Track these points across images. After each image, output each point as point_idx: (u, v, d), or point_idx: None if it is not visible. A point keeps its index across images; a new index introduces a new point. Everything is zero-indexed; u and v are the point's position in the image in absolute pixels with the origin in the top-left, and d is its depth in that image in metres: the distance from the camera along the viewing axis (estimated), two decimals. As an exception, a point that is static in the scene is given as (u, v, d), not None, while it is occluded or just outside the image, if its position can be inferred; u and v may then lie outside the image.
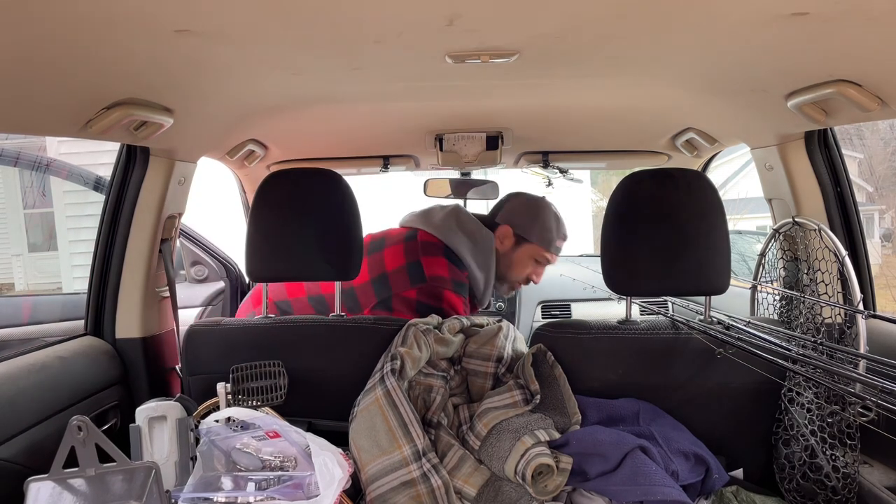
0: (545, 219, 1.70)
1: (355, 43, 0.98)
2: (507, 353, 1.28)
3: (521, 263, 1.72)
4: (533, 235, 1.69)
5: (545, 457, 1.06)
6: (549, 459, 1.06)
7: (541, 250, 1.70)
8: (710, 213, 1.19)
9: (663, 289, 1.24)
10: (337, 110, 1.56)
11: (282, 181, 1.34)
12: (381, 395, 1.11)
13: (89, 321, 1.53)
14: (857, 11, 0.81)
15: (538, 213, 1.70)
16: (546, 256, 1.72)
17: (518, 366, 1.26)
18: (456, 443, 1.15)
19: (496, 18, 0.88)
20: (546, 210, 1.72)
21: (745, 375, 1.14)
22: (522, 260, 1.71)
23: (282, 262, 1.29)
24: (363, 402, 1.12)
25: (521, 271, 1.73)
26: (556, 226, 1.72)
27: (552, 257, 1.73)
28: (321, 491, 0.93)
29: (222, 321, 1.34)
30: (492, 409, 1.19)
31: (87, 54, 0.92)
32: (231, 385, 1.15)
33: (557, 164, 2.07)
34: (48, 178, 7.18)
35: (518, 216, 1.71)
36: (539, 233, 1.69)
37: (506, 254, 1.71)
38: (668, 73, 1.20)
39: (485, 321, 1.37)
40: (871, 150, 9.66)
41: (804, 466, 1.16)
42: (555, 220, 1.72)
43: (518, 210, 1.72)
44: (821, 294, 1.27)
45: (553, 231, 1.70)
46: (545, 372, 1.24)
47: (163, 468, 0.99)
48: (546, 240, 1.69)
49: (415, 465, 1.06)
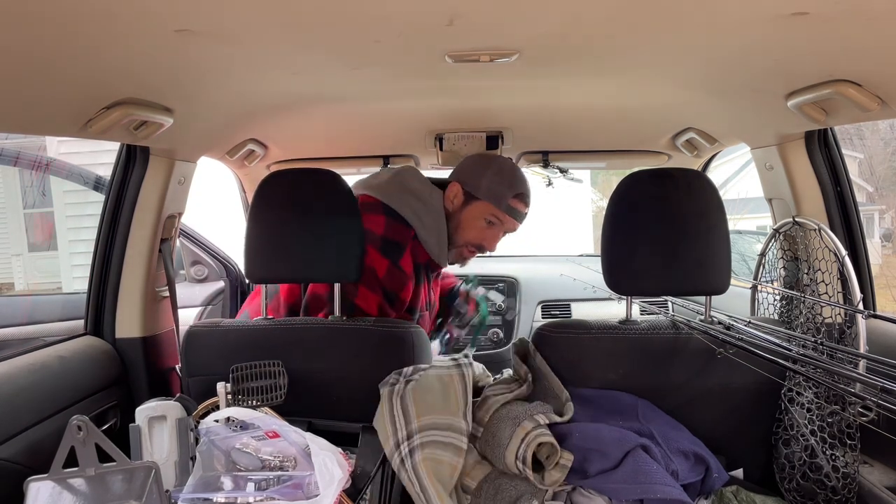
0: (494, 172, 1.51)
1: (355, 43, 0.98)
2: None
3: (470, 224, 1.53)
4: (481, 191, 1.50)
5: (546, 436, 1.07)
6: (550, 439, 1.07)
7: (490, 207, 1.50)
8: (710, 212, 1.19)
9: (663, 289, 1.24)
10: (337, 110, 1.56)
11: (282, 181, 1.34)
12: (455, 374, 1.19)
13: (89, 321, 1.54)
14: (857, 11, 0.81)
15: (488, 167, 1.52)
16: (497, 215, 1.51)
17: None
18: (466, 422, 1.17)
19: (496, 18, 0.88)
20: (497, 163, 1.53)
21: (745, 375, 1.14)
22: (471, 220, 1.52)
23: (281, 263, 1.29)
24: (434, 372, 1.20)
25: (471, 233, 1.53)
26: (510, 181, 1.51)
27: (505, 218, 1.52)
28: (321, 491, 0.93)
29: (222, 322, 1.34)
30: (491, 395, 1.21)
31: (87, 54, 0.92)
32: (231, 385, 1.15)
33: (557, 164, 2.07)
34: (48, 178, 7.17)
35: (467, 172, 1.54)
36: (487, 187, 1.49)
37: (455, 213, 1.53)
38: (668, 73, 1.20)
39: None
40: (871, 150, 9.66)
41: (804, 466, 1.16)
42: (507, 175, 1.51)
43: (468, 165, 1.56)
44: (821, 294, 1.27)
45: (504, 186, 1.50)
46: (531, 364, 1.26)
47: (163, 468, 0.99)
48: (495, 196, 1.49)
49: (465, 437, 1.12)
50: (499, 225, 1.54)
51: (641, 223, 1.20)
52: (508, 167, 1.54)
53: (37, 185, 7.86)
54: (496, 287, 2.53)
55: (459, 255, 1.58)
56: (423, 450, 1.07)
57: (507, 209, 1.51)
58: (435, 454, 1.07)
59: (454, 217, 1.54)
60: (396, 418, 1.13)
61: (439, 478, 1.04)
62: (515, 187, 1.51)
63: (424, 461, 1.06)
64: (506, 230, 1.57)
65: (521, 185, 1.53)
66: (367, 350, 1.27)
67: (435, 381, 1.18)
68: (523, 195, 1.53)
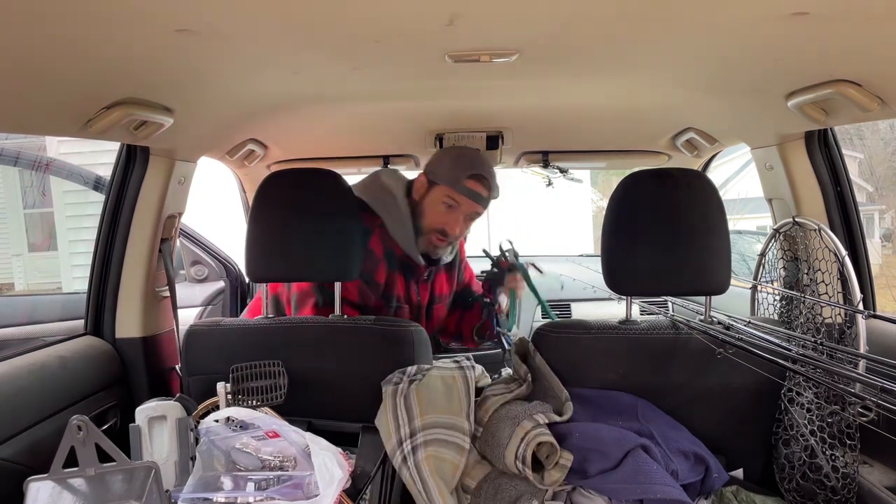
0: (453, 157, 1.55)
1: (355, 43, 0.98)
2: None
3: (431, 209, 1.55)
4: (439, 176, 1.54)
5: (545, 436, 1.07)
6: (549, 438, 1.07)
7: (447, 190, 1.52)
8: (710, 213, 1.19)
9: (663, 289, 1.24)
10: (337, 110, 1.56)
11: (282, 181, 1.34)
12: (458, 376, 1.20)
13: (89, 321, 1.54)
14: (857, 11, 0.81)
15: (449, 154, 1.58)
16: (454, 197, 1.52)
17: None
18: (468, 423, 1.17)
19: (496, 18, 0.88)
20: (458, 150, 1.59)
21: (745, 375, 1.14)
22: (431, 204, 1.55)
23: (282, 262, 1.29)
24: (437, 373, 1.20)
25: (432, 217, 1.55)
26: (467, 163, 1.52)
27: (463, 199, 1.52)
28: (321, 491, 0.93)
29: (222, 321, 1.34)
30: (491, 395, 1.21)
31: (87, 54, 0.92)
32: (231, 385, 1.15)
33: (557, 164, 2.07)
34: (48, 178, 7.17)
35: (432, 161, 1.60)
36: (444, 171, 1.53)
37: (420, 201, 1.57)
38: (668, 73, 1.20)
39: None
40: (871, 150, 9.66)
41: (804, 466, 1.16)
42: (466, 159, 1.54)
43: (434, 156, 1.63)
44: (821, 294, 1.27)
45: (460, 168, 1.52)
46: (531, 364, 1.26)
47: (163, 468, 0.99)
48: (451, 178, 1.51)
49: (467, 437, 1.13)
50: (457, 207, 1.54)
51: (641, 223, 1.20)
52: (469, 153, 1.56)
53: (37, 185, 7.86)
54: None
55: (429, 243, 1.58)
56: (426, 448, 1.07)
57: (464, 190, 1.51)
58: (438, 452, 1.07)
59: (419, 205, 1.57)
60: (399, 416, 1.13)
61: (441, 475, 1.05)
62: (471, 168, 1.52)
63: (427, 458, 1.06)
64: (466, 213, 1.57)
65: (479, 167, 1.53)
66: (367, 349, 1.27)
67: (438, 381, 1.19)
68: (480, 176, 1.53)
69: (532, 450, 1.06)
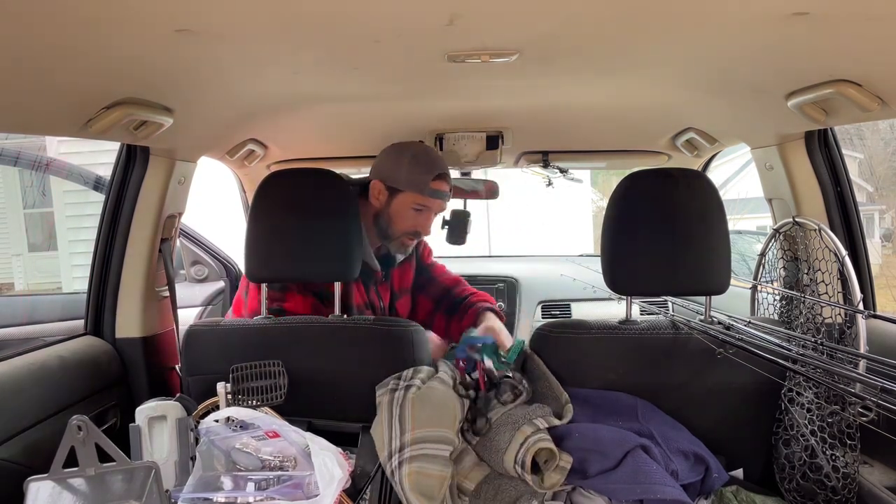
0: (410, 160, 1.52)
1: (355, 43, 0.98)
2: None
3: (400, 215, 1.54)
4: (401, 182, 1.51)
5: (545, 442, 1.07)
6: (549, 444, 1.07)
7: (415, 196, 1.51)
8: (710, 213, 1.19)
9: (663, 289, 1.24)
10: (337, 110, 1.56)
11: (282, 181, 1.34)
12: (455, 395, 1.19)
13: (89, 321, 1.53)
14: (857, 11, 0.81)
15: (402, 157, 1.53)
16: (423, 202, 1.53)
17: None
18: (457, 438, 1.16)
19: (496, 18, 0.88)
20: (410, 151, 1.54)
21: (745, 375, 1.14)
22: (400, 211, 1.54)
23: (281, 262, 1.29)
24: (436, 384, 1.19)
25: (404, 223, 1.55)
26: (427, 165, 1.51)
27: (432, 202, 1.54)
28: (321, 491, 0.93)
29: (222, 321, 1.34)
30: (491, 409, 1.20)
31: (87, 54, 0.92)
32: (231, 385, 1.15)
33: (557, 164, 2.07)
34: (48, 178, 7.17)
35: (384, 166, 1.55)
36: (407, 178, 1.51)
37: (383, 209, 1.55)
38: (668, 73, 1.20)
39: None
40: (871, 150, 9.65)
41: (804, 466, 1.16)
42: (423, 160, 1.52)
43: (383, 160, 1.56)
44: (821, 294, 1.27)
45: (423, 172, 1.50)
46: (530, 367, 1.26)
47: (163, 468, 0.99)
48: (417, 184, 1.50)
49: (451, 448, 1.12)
50: (427, 210, 1.56)
51: (641, 223, 1.20)
52: (422, 152, 1.55)
53: (37, 185, 7.86)
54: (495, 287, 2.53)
55: (401, 245, 1.61)
56: (410, 463, 1.07)
57: (431, 193, 1.52)
58: (422, 468, 1.07)
59: (384, 213, 1.56)
60: (393, 428, 1.13)
61: (422, 491, 1.05)
62: (434, 170, 1.52)
63: (410, 475, 1.06)
64: (435, 212, 1.60)
65: (439, 166, 1.54)
66: (367, 349, 1.27)
67: (436, 394, 1.18)
68: (443, 175, 1.54)
69: (532, 455, 1.06)
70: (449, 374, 1.23)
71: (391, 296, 1.70)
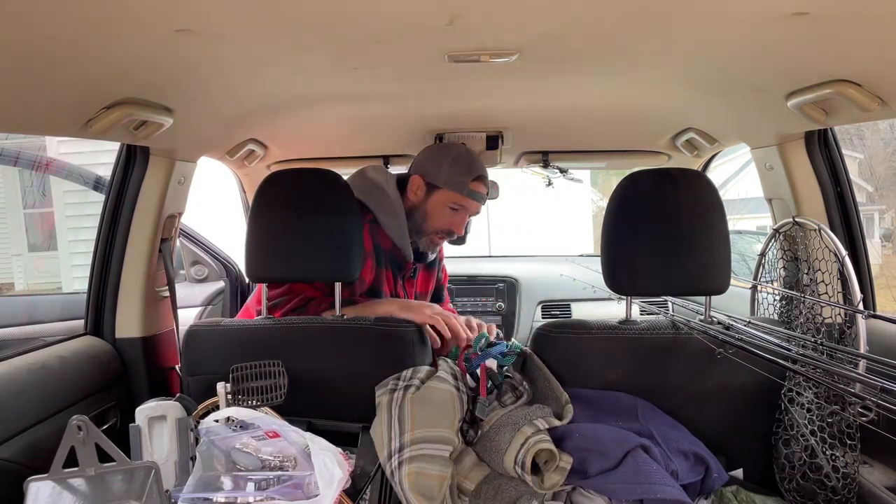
0: (451, 161, 1.56)
1: (355, 43, 0.98)
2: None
3: (437, 213, 1.58)
4: (441, 180, 1.55)
5: (545, 443, 1.07)
6: (549, 445, 1.07)
7: (454, 195, 1.56)
8: (710, 212, 1.19)
9: (663, 289, 1.24)
10: (337, 110, 1.56)
11: (282, 181, 1.34)
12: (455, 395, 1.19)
13: (89, 321, 1.53)
14: (857, 11, 0.81)
15: (445, 157, 1.57)
16: (461, 202, 1.57)
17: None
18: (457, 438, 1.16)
19: (496, 18, 0.88)
20: (453, 152, 1.58)
21: (745, 375, 1.14)
22: (436, 209, 1.57)
23: (282, 263, 1.29)
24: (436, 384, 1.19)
25: (439, 221, 1.59)
26: (468, 167, 1.55)
27: (469, 203, 1.58)
28: (321, 491, 0.93)
29: (222, 321, 1.34)
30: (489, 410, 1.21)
31: (87, 54, 0.92)
32: (231, 385, 1.15)
33: (557, 164, 2.07)
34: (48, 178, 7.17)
35: (426, 163, 1.59)
36: (447, 177, 1.55)
37: (419, 204, 1.58)
38: (668, 73, 1.20)
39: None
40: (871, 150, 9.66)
41: (804, 466, 1.16)
42: (465, 161, 1.56)
43: (426, 157, 1.61)
44: (821, 294, 1.27)
45: (463, 173, 1.55)
46: (530, 367, 1.26)
47: (163, 468, 0.99)
48: (456, 184, 1.54)
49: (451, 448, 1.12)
50: (463, 210, 1.59)
51: (641, 223, 1.20)
52: (464, 153, 1.58)
53: (37, 185, 7.86)
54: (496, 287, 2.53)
55: (430, 242, 1.64)
56: (410, 464, 1.07)
57: (469, 193, 1.57)
58: (421, 468, 1.07)
59: (419, 208, 1.59)
60: (392, 429, 1.13)
61: (422, 491, 1.05)
62: (473, 171, 1.56)
63: (409, 475, 1.06)
64: (471, 213, 1.63)
65: (479, 168, 1.58)
66: (367, 349, 1.27)
67: (435, 394, 1.18)
68: (482, 177, 1.59)
69: (532, 456, 1.06)
70: (449, 374, 1.23)
71: (413, 295, 1.71)
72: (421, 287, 1.75)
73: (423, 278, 1.75)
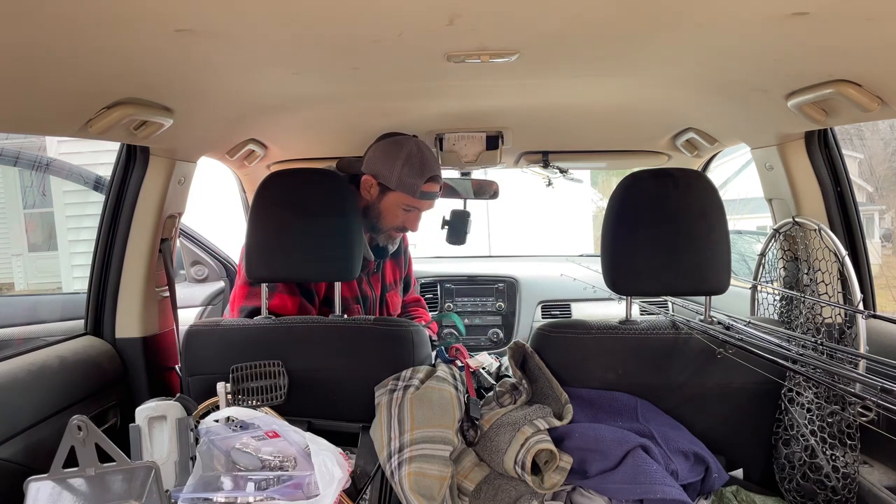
0: (404, 162, 1.51)
1: (355, 43, 0.98)
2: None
3: (390, 212, 1.57)
4: (393, 183, 1.52)
5: (546, 443, 1.07)
6: (549, 445, 1.07)
7: (405, 197, 1.53)
8: (710, 212, 1.19)
9: (663, 289, 1.24)
10: (337, 110, 1.56)
11: (282, 181, 1.34)
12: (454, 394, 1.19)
13: (89, 321, 1.53)
14: (857, 11, 0.81)
15: (396, 158, 1.51)
16: (414, 204, 1.55)
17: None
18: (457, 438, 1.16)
19: (496, 18, 0.88)
20: (404, 152, 1.52)
21: (745, 375, 1.14)
22: (390, 209, 1.56)
23: (282, 263, 1.29)
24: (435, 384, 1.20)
25: (393, 220, 1.58)
26: (420, 168, 1.51)
27: (422, 203, 1.56)
28: (321, 491, 0.93)
29: (222, 321, 1.34)
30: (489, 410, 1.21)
31: (87, 54, 0.92)
32: (231, 385, 1.15)
33: (557, 164, 2.07)
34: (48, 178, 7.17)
35: (377, 163, 1.54)
36: (399, 179, 1.51)
37: (374, 203, 1.57)
38: (668, 73, 1.20)
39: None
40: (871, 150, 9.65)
41: (804, 466, 1.16)
42: (417, 162, 1.51)
43: (377, 156, 1.55)
44: (821, 294, 1.27)
45: (415, 175, 1.51)
46: (530, 367, 1.26)
47: (163, 468, 0.99)
48: (409, 186, 1.51)
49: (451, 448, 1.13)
50: (416, 210, 1.59)
51: (641, 223, 1.20)
52: (415, 152, 1.53)
53: (37, 185, 7.85)
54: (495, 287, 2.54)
55: (389, 237, 1.65)
56: (410, 464, 1.08)
57: (422, 195, 1.55)
58: (421, 468, 1.07)
59: (374, 207, 1.58)
60: (392, 429, 1.13)
61: (422, 491, 1.05)
62: (426, 173, 1.53)
63: (409, 475, 1.07)
64: (424, 211, 1.63)
65: (431, 168, 1.54)
66: (367, 349, 1.27)
67: (434, 393, 1.18)
68: (435, 177, 1.56)
69: (532, 456, 1.06)
70: (448, 374, 1.23)
71: (382, 287, 1.72)
72: (389, 277, 1.76)
73: (391, 268, 1.77)
